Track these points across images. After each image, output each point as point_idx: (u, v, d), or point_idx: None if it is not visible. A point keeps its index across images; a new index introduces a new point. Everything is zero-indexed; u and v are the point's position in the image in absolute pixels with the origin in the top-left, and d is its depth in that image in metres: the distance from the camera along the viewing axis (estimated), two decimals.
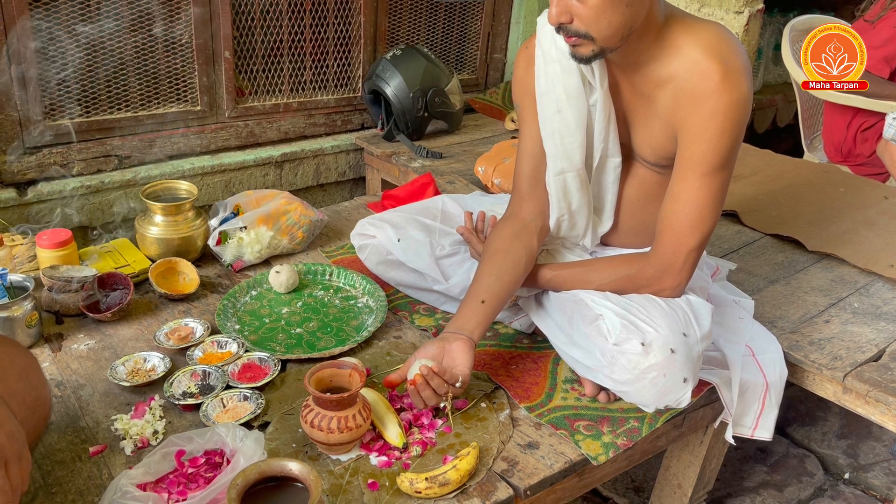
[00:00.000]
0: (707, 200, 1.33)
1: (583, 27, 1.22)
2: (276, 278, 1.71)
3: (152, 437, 1.26)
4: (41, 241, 1.63)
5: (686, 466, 1.72)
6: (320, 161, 2.74)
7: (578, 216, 1.51)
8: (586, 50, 1.26)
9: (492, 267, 1.44)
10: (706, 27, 1.31)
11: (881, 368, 1.54)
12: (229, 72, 2.46)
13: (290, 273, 1.71)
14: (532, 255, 1.49)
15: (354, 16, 2.71)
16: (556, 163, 1.46)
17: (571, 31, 1.24)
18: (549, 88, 1.41)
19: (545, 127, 1.45)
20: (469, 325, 1.37)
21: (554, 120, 1.43)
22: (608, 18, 1.21)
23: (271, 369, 1.43)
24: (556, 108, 1.41)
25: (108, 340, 1.52)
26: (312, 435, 1.21)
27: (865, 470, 2.11)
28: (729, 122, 1.28)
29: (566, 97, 1.39)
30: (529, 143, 1.51)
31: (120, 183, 2.30)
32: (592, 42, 1.24)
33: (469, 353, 1.33)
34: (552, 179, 1.47)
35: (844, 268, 1.96)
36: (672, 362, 1.29)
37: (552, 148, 1.45)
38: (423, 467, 1.23)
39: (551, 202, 1.50)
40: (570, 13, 1.22)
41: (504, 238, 1.48)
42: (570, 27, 1.23)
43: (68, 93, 2.21)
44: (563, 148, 1.43)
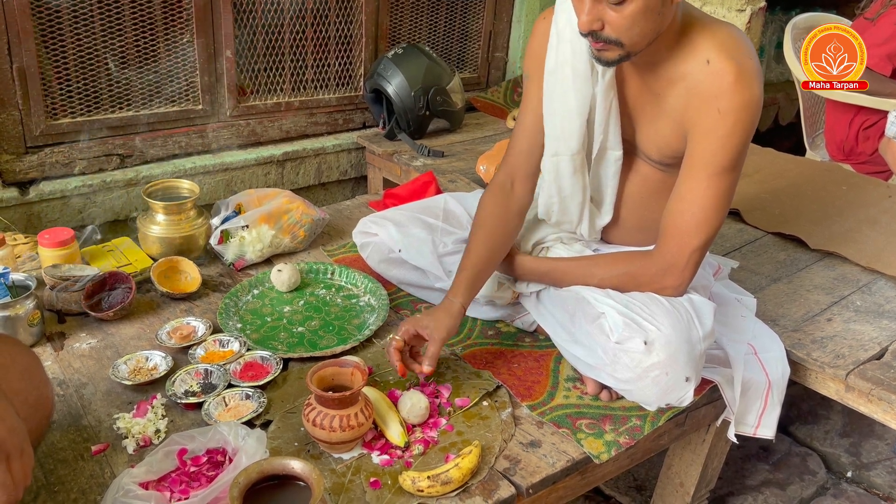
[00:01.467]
0: (713, 201, 1.33)
1: (614, 34, 1.21)
2: (277, 277, 1.71)
3: (154, 436, 1.26)
4: (43, 240, 1.63)
5: (688, 465, 1.72)
6: (322, 160, 2.74)
7: (570, 202, 1.51)
8: (613, 55, 1.25)
9: (477, 239, 1.50)
10: (722, 28, 1.31)
11: (884, 367, 1.53)
12: (231, 71, 2.46)
13: (291, 272, 1.71)
14: (521, 214, 1.56)
15: (356, 14, 2.71)
16: (552, 144, 1.46)
17: (602, 38, 1.23)
18: (557, 68, 1.41)
19: (548, 106, 1.45)
20: (457, 291, 1.44)
21: (557, 100, 1.42)
22: (641, 26, 1.20)
23: (273, 368, 1.43)
24: (561, 90, 1.41)
25: (110, 339, 1.52)
26: (314, 433, 1.21)
27: (868, 468, 2.10)
28: (740, 123, 1.27)
29: (572, 80, 1.39)
30: (529, 119, 1.51)
31: (122, 182, 2.30)
32: (621, 48, 1.23)
33: (448, 318, 1.40)
34: (547, 160, 1.48)
35: (847, 266, 1.96)
36: (674, 361, 1.29)
37: (551, 128, 1.45)
38: (426, 466, 1.23)
39: (543, 184, 1.51)
40: (602, 20, 1.21)
41: (487, 206, 1.53)
42: (601, 34, 1.22)
43: (70, 92, 2.21)
44: (562, 130, 1.43)
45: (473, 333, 1.62)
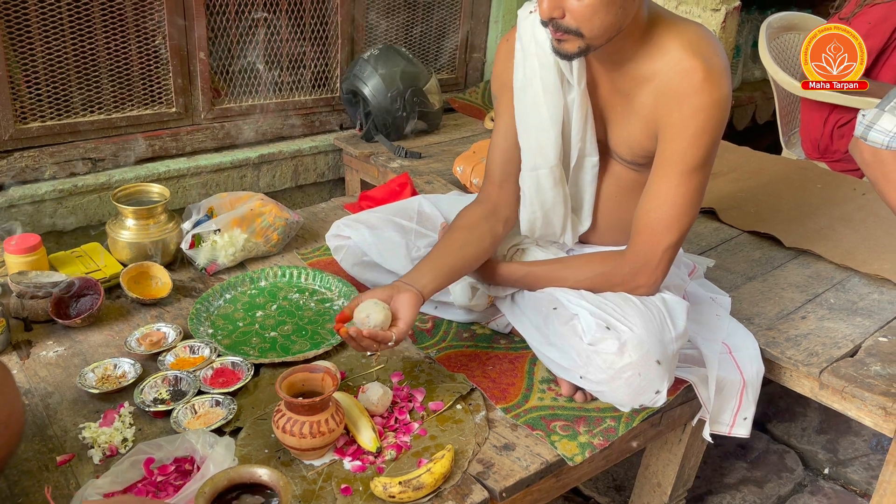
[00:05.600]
0: (685, 199, 1.33)
1: (574, 24, 1.21)
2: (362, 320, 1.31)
3: (121, 445, 1.23)
4: (9, 246, 1.61)
5: (665, 465, 1.72)
6: (298, 162, 2.72)
7: (553, 214, 1.50)
8: (572, 46, 1.25)
9: (458, 238, 1.46)
10: (689, 27, 1.31)
11: (857, 364, 1.54)
12: (205, 73, 2.43)
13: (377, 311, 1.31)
14: (496, 240, 1.51)
15: (331, 15, 2.69)
16: (530, 158, 1.45)
17: (562, 27, 1.22)
18: (526, 83, 1.41)
19: (521, 122, 1.44)
20: (423, 281, 1.37)
21: (530, 115, 1.42)
22: (601, 17, 1.20)
23: (244, 374, 1.41)
24: (532, 103, 1.41)
25: (78, 347, 1.50)
26: (284, 440, 1.20)
27: (845, 465, 2.11)
28: (710, 121, 1.28)
29: (543, 93, 1.39)
30: (502, 139, 1.51)
31: (94, 186, 2.27)
32: (580, 39, 1.23)
33: (413, 308, 1.32)
34: (526, 175, 1.47)
35: (821, 263, 1.97)
36: (647, 361, 1.29)
37: (527, 143, 1.45)
38: (398, 471, 1.21)
39: (523, 200, 1.50)
40: (562, 8, 1.20)
41: (474, 216, 1.50)
42: (560, 23, 1.22)
43: (39, 96, 2.17)
44: (538, 144, 1.43)
45: (448, 336, 1.60)
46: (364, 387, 1.34)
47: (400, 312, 1.31)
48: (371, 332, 1.26)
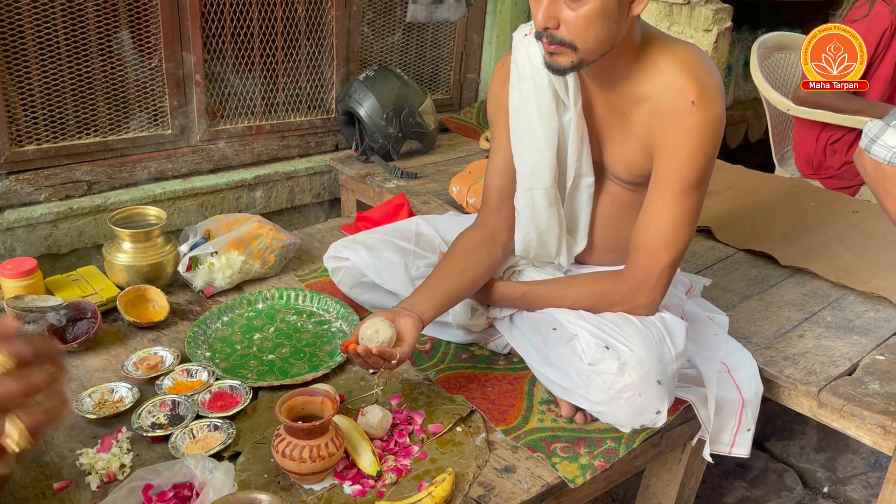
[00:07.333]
0: (682, 218, 1.34)
1: (568, 36, 1.22)
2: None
3: (119, 472, 1.22)
4: (5, 270, 1.60)
5: (665, 485, 1.71)
6: (294, 183, 2.72)
7: (548, 235, 1.51)
8: (565, 60, 1.25)
9: (457, 262, 1.46)
10: (682, 47, 1.32)
11: (855, 382, 1.54)
12: (200, 95, 2.44)
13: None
14: (494, 264, 1.52)
15: (326, 37, 2.71)
16: (525, 180, 1.46)
17: (556, 39, 1.23)
18: (521, 105, 1.42)
19: (516, 144, 1.45)
20: (422, 307, 1.37)
21: (525, 137, 1.43)
22: (596, 31, 1.21)
23: (243, 397, 1.40)
24: (527, 125, 1.42)
25: (75, 371, 1.49)
26: (284, 465, 1.19)
27: (844, 483, 2.11)
28: (705, 141, 1.29)
29: (538, 114, 1.40)
30: (499, 163, 1.51)
31: (89, 209, 2.27)
32: (574, 53, 1.24)
33: (415, 332, 1.33)
34: (521, 196, 1.47)
35: (817, 282, 1.97)
36: (647, 381, 1.28)
37: (522, 165, 1.45)
38: (398, 495, 1.20)
39: (518, 221, 1.51)
40: (557, 19, 1.21)
41: (472, 241, 1.51)
42: (555, 34, 1.23)
43: (35, 118, 2.17)
44: (533, 165, 1.44)
45: (447, 357, 1.60)
46: (363, 410, 1.34)
47: (402, 335, 1.32)
48: (380, 348, 1.26)
